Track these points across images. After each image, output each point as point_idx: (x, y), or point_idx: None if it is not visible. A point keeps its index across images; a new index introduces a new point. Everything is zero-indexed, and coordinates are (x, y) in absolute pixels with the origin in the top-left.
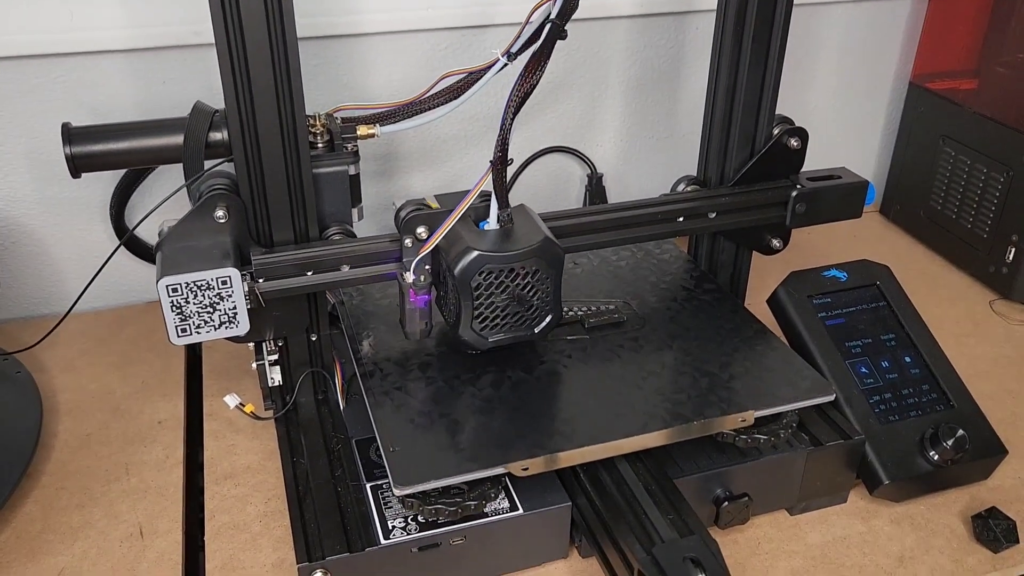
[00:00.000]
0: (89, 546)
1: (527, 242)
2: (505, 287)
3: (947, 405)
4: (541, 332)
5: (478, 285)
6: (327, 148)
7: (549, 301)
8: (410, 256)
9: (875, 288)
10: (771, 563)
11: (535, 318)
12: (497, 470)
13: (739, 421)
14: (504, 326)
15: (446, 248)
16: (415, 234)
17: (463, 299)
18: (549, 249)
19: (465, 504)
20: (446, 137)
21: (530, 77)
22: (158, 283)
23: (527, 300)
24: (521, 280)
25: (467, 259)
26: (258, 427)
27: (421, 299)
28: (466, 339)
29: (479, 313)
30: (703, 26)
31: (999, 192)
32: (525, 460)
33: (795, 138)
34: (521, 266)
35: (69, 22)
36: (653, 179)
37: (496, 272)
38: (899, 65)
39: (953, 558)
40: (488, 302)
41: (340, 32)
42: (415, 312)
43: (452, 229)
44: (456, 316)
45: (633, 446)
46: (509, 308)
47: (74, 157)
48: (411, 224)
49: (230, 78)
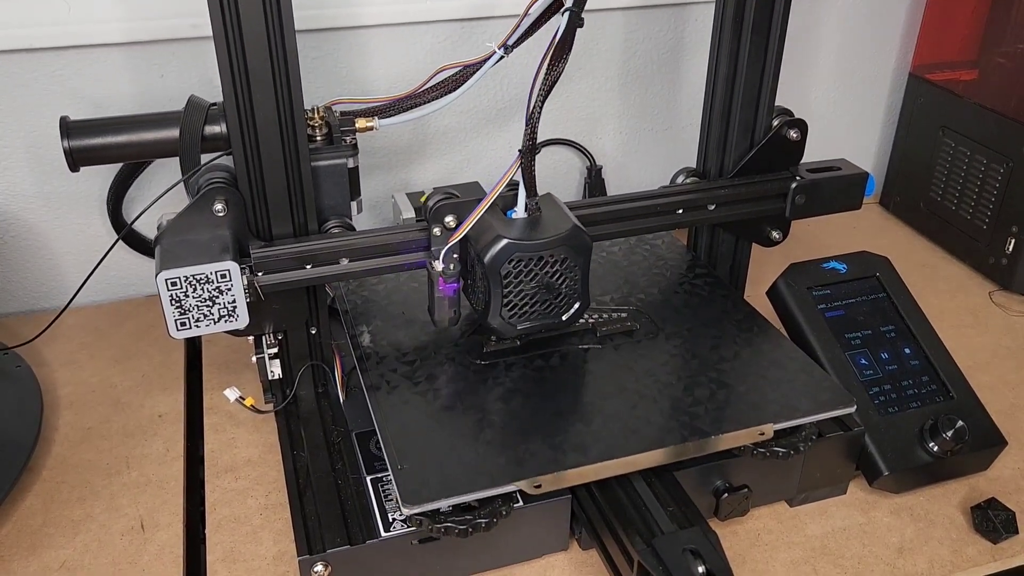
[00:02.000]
0: (90, 539)
1: (555, 230)
2: (534, 275)
3: (946, 396)
4: (569, 319)
5: (507, 273)
6: (326, 141)
7: (577, 289)
8: (439, 245)
9: (875, 280)
10: (771, 555)
11: (563, 306)
12: (509, 488)
13: (758, 435)
14: (532, 314)
15: (475, 237)
16: (443, 223)
17: (492, 287)
18: (577, 237)
19: (476, 523)
20: (444, 130)
21: (555, 67)
22: (157, 277)
23: (555, 288)
24: (550, 268)
25: (497, 247)
26: (258, 420)
27: (450, 287)
28: (495, 326)
29: (508, 301)
30: (702, 17)
31: (999, 183)
32: (538, 477)
33: (794, 129)
34: (550, 254)
35: (67, 15)
36: (652, 171)
37: (525, 260)
38: (899, 56)
39: (952, 549)
40: (517, 290)
41: (339, 24)
42: (444, 300)
43: (481, 218)
44: (485, 304)
45: (649, 462)
46: (538, 296)
47: (72, 151)
48: (440, 213)
49: (228, 71)
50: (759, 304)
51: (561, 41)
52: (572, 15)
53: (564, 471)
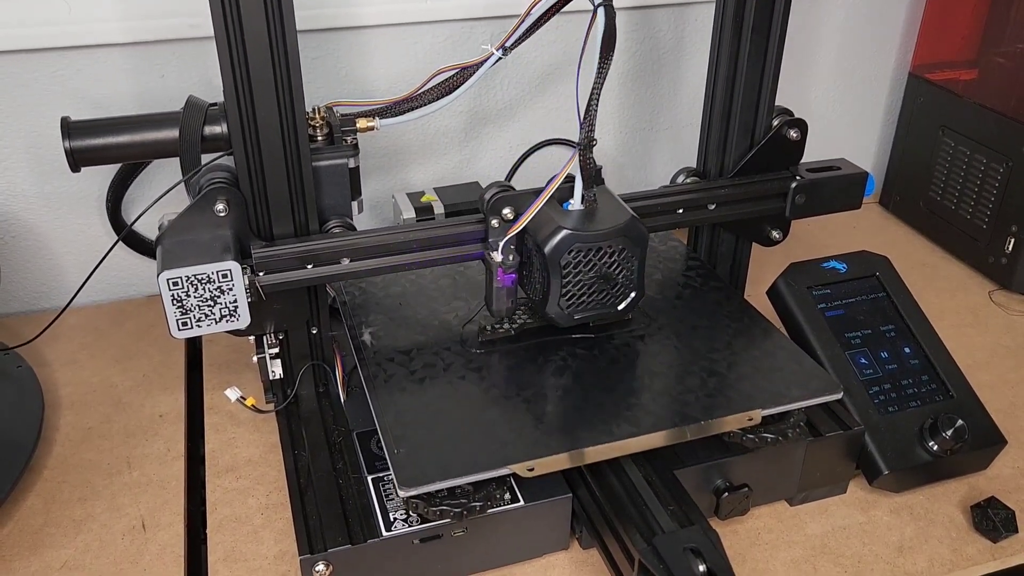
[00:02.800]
0: (91, 539)
1: (613, 221)
2: (592, 265)
3: (946, 395)
4: (624, 310)
5: (567, 263)
6: (327, 141)
7: (633, 279)
8: (496, 236)
9: (874, 279)
10: (771, 554)
11: (619, 296)
12: (503, 471)
13: (746, 420)
14: (589, 303)
15: (533, 228)
16: (501, 215)
17: (552, 277)
18: (635, 228)
19: (471, 506)
20: (444, 130)
21: (606, 61)
22: (159, 277)
23: (613, 278)
24: (608, 258)
25: (558, 237)
26: (259, 420)
27: (508, 278)
28: (552, 316)
29: (566, 291)
30: (702, 17)
31: (998, 182)
32: (531, 460)
33: (794, 129)
34: (608, 244)
35: (67, 15)
36: (652, 171)
37: (584, 250)
38: (899, 56)
39: (952, 548)
40: (576, 280)
41: (340, 25)
42: (502, 291)
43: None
44: (543, 294)
45: (641, 446)
46: (595, 286)
47: (73, 151)
48: (497, 205)
49: (229, 71)
50: (759, 303)
51: (605, 36)
52: (607, 8)
53: (557, 455)
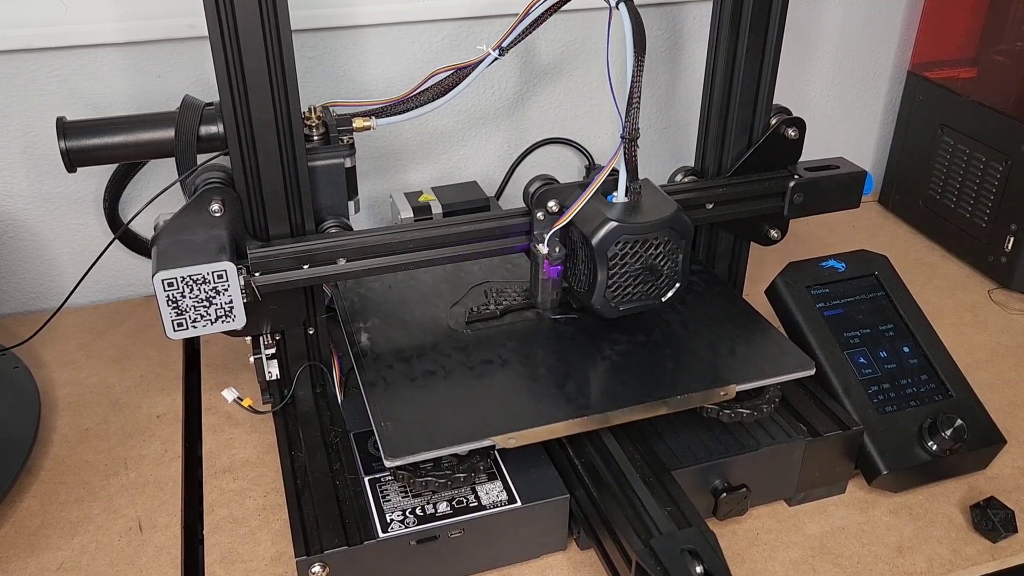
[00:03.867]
0: (88, 540)
1: (659, 213)
2: (639, 256)
3: (945, 395)
4: (668, 301)
5: (614, 255)
6: (323, 141)
7: (678, 271)
8: (542, 229)
9: (873, 278)
10: (770, 554)
11: (664, 287)
12: (485, 442)
13: (720, 395)
14: (635, 295)
15: (579, 221)
16: (547, 208)
17: (599, 268)
18: (680, 220)
19: (455, 476)
20: (442, 130)
21: (641, 55)
22: (154, 277)
23: (658, 269)
24: (654, 250)
25: (605, 229)
26: (256, 421)
27: (554, 270)
28: (598, 307)
29: (613, 282)
30: (700, 16)
31: (998, 181)
32: (512, 433)
33: (793, 128)
34: (655, 236)
35: (63, 15)
36: (650, 170)
37: (631, 242)
38: (897, 54)
39: (952, 548)
40: (622, 271)
41: (335, 24)
42: (548, 283)
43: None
44: (589, 285)
45: (618, 419)
46: (640, 277)
47: (69, 151)
48: (543, 198)
49: (224, 71)
50: (758, 303)
51: (636, 33)
52: (628, 4)
53: (537, 427)
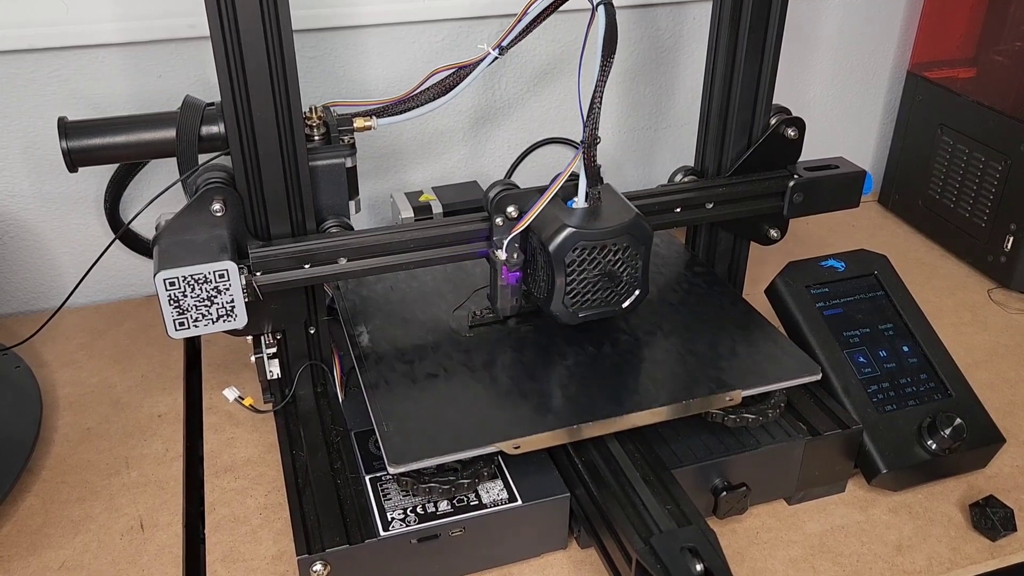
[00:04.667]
0: (90, 539)
1: (618, 219)
2: (597, 263)
3: (945, 394)
4: (629, 307)
5: (572, 261)
6: (324, 141)
7: (638, 277)
8: (501, 235)
9: (873, 278)
10: (769, 552)
11: (623, 294)
12: (489, 448)
13: (726, 400)
14: (594, 301)
15: (537, 226)
16: (506, 213)
17: (556, 275)
18: (639, 226)
19: (459, 483)
20: (442, 130)
21: (608, 60)
22: (155, 277)
23: (617, 276)
24: (612, 256)
25: (562, 236)
26: (257, 420)
27: (512, 276)
28: (556, 314)
29: (571, 289)
30: (700, 16)
31: (997, 181)
32: (516, 439)
33: (792, 128)
34: (613, 242)
35: (64, 16)
36: (650, 170)
37: (589, 248)
38: (897, 54)
39: (951, 546)
40: (580, 278)
41: (336, 24)
42: (507, 289)
43: (542, 208)
44: (547, 292)
45: (623, 425)
46: (599, 284)
47: (71, 151)
48: (502, 203)
49: (225, 71)
50: (758, 302)
51: (607, 34)
52: (607, 7)
53: (542, 433)
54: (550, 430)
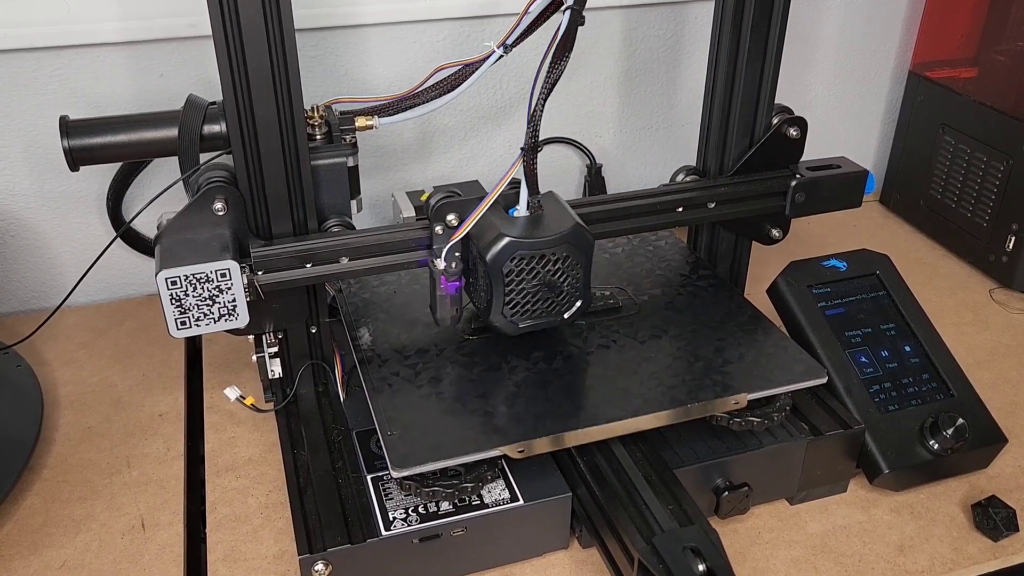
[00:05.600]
0: (91, 538)
1: (558, 228)
2: (536, 273)
3: (947, 394)
4: (570, 318)
5: (509, 271)
6: (325, 140)
7: (579, 287)
8: (440, 243)
9: (875, 277)
10: (771, 552)
11: (564, 304)
12: (493, 452)
13: (732, 404)
14: (534, 312)
15: (477, 235)
16: (446, 221)
17: (494, 285)
18: (580, 235)
19: (462, 487)
20: (444, 129)
21: (557, 66)
22: (157, 276)
23: (557, 286)
24: (552, 266)
25: (499, 245)
26: (259, 419)
27: (452, 286)
28: (497, 325)
29: (510, 299)
30: (702, 15)
31: (999, 181)
32: (521, 442)
33: (794, 127)
34: (552, 252)
35: (66, 15)
36: (652, 169)
37: (527, 258)
38: (898, 54)
39: (953, 547)
40: (519, 288)
41: (338, 23)
42: (446, 299)
43: (482, 216)
44: (487, 302)
45: (628, 428)
46: (540, 294)
47: (72, 150)
48: (442, 211)
49: (227, 70)
50: (759, 302)
51: (563, 39)
52: (573, 13)
53: (545, 437)
54: (554, 434)
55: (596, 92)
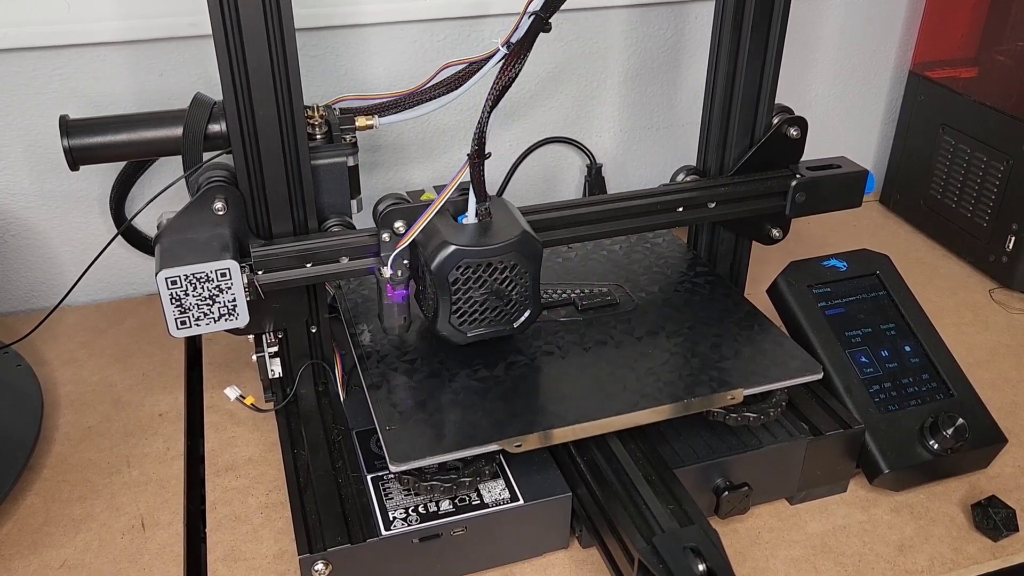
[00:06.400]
0: (91, 538)
1: (505, 236)
2: (483, 281)
3: (947, 394)
4: (520, 327)
5: (455, 280)
6: (326, 139)
7: (527, 295)
8: (387, 251)
9: (875, 277)
10: (771, 552)
11: (514, 312)
12: (491, 447)
13: (728, 399)
14: (483, 320)
15: (424, 242)
16: (393, 228)
17: (441, 294)
18: (527, 243)
19: (460, 481)
20: (445, 128)
21: (508, 71)
22: (157, 275)
23: (505, 294)
24: (499, 274)
25: (444, 253)
26: (259, 419)
27: (399, 294)
28: (444, 334)
29: (457, 308)
30: (702, 15)
31: (999, 181)
32: (518, 437)
33: (795, 127)
34: (499, 260)
35: (66, 14)
36: (652, 169)
37: (474, 266)
38: (899, 54)
39: (953, 547)
40: (466, 296)
41: (338, 23)
42: (393, 307)
43: (430, 223)
44: (434, 311)
45: (624, 423)
46: (487, 303)
47: (72, 150)
48: (389, 218)
49: (227, 70)
50: (760, 302)
51: (518, 44)
52: (536, 19)
53: (542, 431)
54: (551, 428)
55: (596, 92)
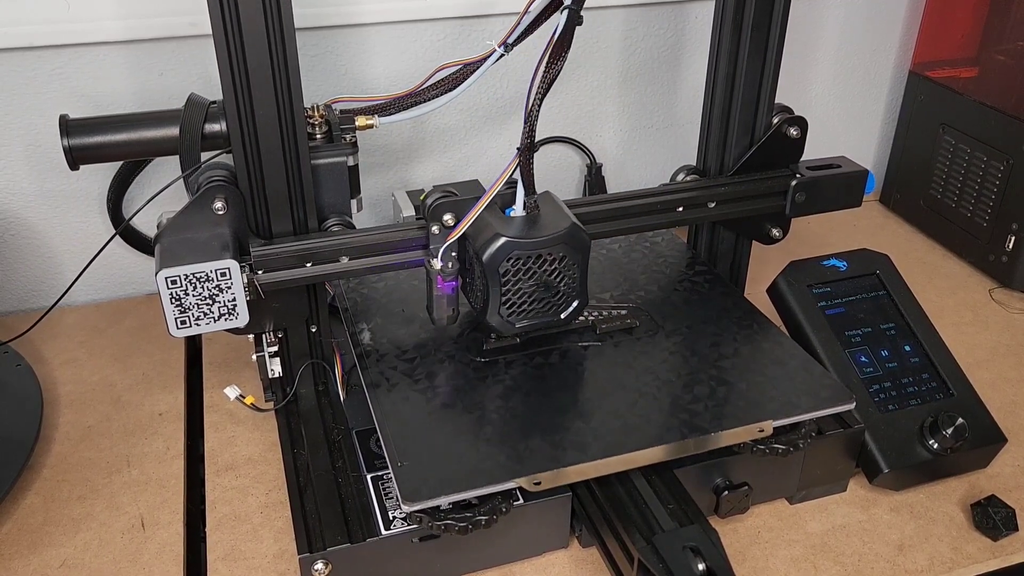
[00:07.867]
0: (91, 538)
1: (554, 228)
2: (532, 273)
3: (947, 394)
4: (567, 318)
5: (506, 271)
6: (325, 139)
7: (575, 287)
8: (437, 243)
9: (875, 277)
10: (771, 552)
11: (561, 304)
12: (508, 485)
13: (757, 432)
14: (531, 312)
15: (473, 235)
16: (442, 221)
17: (491, 285)
18: (576, 235)
19: (476, 520)
20: (444, 128)
21: (554, 65)
22: (157, 275)
23: (554, 286)
24: (548, 266)
25: (495, 245)
26: (259, 419)
27: (448, 286)
28: (493, 325)
29: (507, 299)
30: (702, 15)
31: (999, 180)
32: (538, 474)
33: (795, 127)
34: (548, 252)
35: (66, 13)
36: (653, 169)
37: (524, 258)
38: (899, 53)
39: (952, 546)
40: (516, 288)
41: (338, 22)
42: (443, 299)
43: (479, 216)
44: (484, 302)
45: (648, 459)
46: (536, 294)
47: (72, 149)
48: (438, 211)
49: (227, 69)
50: (759, 302)
51: (560, 39)
52: (571, 13)
53: (563, 468)
54: (572, 465)
55: (596, 92)
